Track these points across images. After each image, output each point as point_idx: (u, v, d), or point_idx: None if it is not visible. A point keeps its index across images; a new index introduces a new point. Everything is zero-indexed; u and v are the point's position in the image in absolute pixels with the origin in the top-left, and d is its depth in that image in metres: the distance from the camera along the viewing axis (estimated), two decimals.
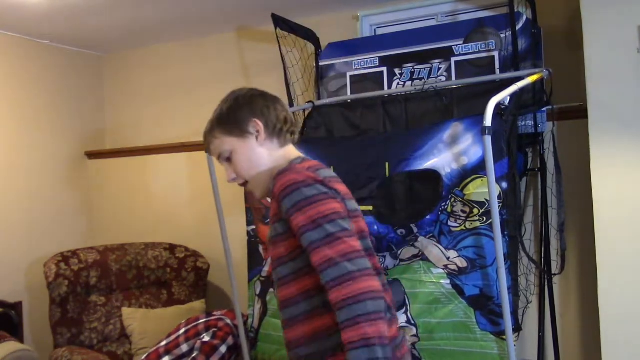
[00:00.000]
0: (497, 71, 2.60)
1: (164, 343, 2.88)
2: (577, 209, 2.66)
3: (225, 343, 2.81)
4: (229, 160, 1.57)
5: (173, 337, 2.89)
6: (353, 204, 1.49)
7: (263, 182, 1.55)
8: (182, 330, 2.90)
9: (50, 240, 3.67)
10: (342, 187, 1.49)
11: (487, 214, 2.27)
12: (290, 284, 1.43)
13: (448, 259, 2.38)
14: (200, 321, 2.91)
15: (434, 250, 2.40)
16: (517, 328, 2.42)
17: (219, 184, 2.77)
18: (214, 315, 2.96)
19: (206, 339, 2.80)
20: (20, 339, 3.22)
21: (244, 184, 1.58)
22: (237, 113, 1.55)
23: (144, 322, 3.27)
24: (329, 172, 1.49)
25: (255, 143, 1.54)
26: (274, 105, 1.57)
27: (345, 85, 2.93)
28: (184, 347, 2.83)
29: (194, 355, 2.77)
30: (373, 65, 2.89)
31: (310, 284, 1.40)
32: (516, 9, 2.49)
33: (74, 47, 3.92)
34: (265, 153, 1.54)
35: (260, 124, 1.54)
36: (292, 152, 1.58)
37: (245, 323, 2.88)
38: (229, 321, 2.89)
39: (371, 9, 3.20)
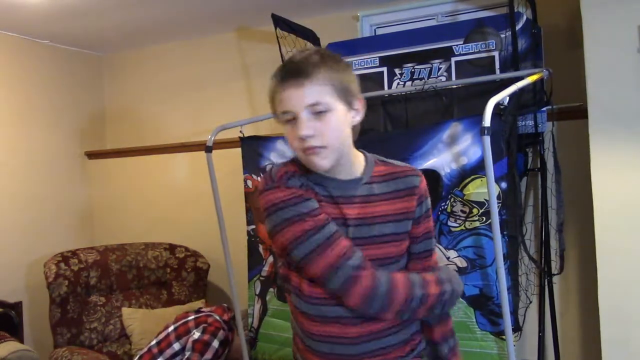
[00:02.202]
0: (497, 71, 2.60)
1: (154, 342, 2.88)
2: (577, 208, 2.65)
3: (216, 338, 2.81)
4: (318, 114, 1.30)
5: (163, 335, 2.89)
6: None
7: (338, 155, 1.34)
8: (172, 328, 2.89)
9: (50, 240, 3.67)
10: None
11: (487, 214, 2.27)
12: None
13: (448, 258, 2.38)
14: (190, 318, 2.91)
15: None
16: (517, 328, 2.42)
17: (218, 184, 2.77)
18: (203, 312, 2.96)
19: (196, 335, 2.79)
20: (20, 339, 3.22)
21: (320, 148, 1.31)
22: (352, 84, 1.37)
23: (144, 322, 3.27)
24: None
25: (349, 120, 1.37)
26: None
27: None
28: (176, 346, 2.83)
29: (187, 355, 2.76)
30: (373, 65, 2.89)
31: None
32: (516, 9, 2.49)
33: (74, 47, 3.93)
34: (349, 133, 1.38)
35: (363, 107, 1.40)
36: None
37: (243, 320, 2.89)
38: (217, 317, 2.89)
39: (371, 9, 3.20)
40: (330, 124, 1.31)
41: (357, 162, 1.42)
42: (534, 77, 2.32)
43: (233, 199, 3.16)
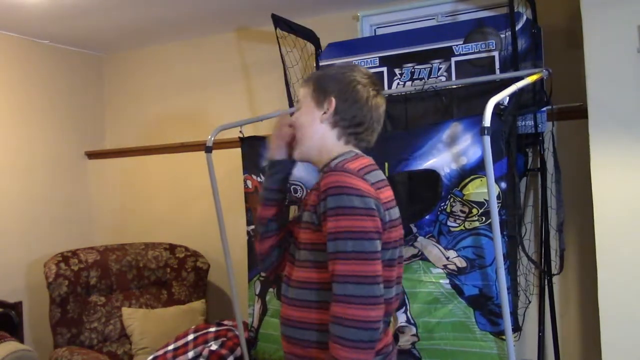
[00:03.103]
0: (497, 71, 2.60)
1: (171, 347, 2.87)
2: (577, 208, 2.65)
3: (233, 354, 2.81)
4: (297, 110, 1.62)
5: (181, 342, 2.88)
6: (394, 212, 1.52)
7: (303, 148, 1.58)
8: (191, 337, 2.89)
9: (50, 240, 3.67)
10: (386, 194, 1.50)
11: (487, 214, 2.27)
12: (312, 269, 1.47)
13: (447, 258, 2.38)
14: (210, 330, 2.91)
15: (433, 250, 2.40)
16: (517, 328, 2.41)
17: (218, 184, 2.77)
18: (224, 326, 2.96)
19: (214, 347, 2.80)
20: (20, 339, 3.22)
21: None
22: (330, 81, 1.55)
23: (144, 322, 3.27)
24: (378, 175, 1.51)
25: (318, 116, 1.55)
26: (367, 106, 1.55)
27: None
28: (190, 354, 2.82)
29: None
30: (373, 65, 2.89)
31: (328, 278, 1.43)
32: (516, 9, 2.49)
33: (74, 47, 3.93)
34: (320, 131, 1.55)
35: (333, 106, 1.53)
36: (345, 147, 1.58)
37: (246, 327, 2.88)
38: (237, 332, 2.89)
39: (371, 9, 3.20)
40: (297, 116, 1.60)
41: (327, 158, 1.55)
42: (534, 77, 2.32)
43: (232, 199, 3.16)
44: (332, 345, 1.35)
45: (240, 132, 2.87)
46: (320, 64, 3.02)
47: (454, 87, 2.65)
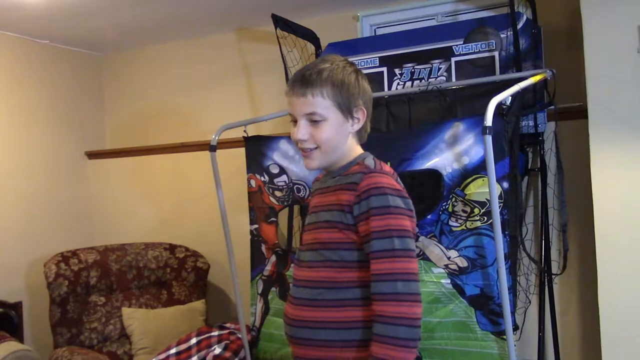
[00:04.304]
0: (498, 71, 2.60)
1: (173, 351, 2.86)
2: (577, 208, 2.66)
3: (237, 357, 2.81)
4: (314, 122, 1.50)
5: (184, 346, 2.87)
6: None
7: (327, 158, 1.55)
8: (194, 341, 2.88)
9: (50, 240, 3.67)
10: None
11: (488, 213, 2.27)
12: (334, 269, 1.47)
13: (449, 258, 2.38)
14: (213, 334, 2.91)
15: (434, 249, 2.41)
16: (515, 327, 2.42)
17: (222, 183, 2.78)
18: (227, 329, 2.96)
19: (217, 351, 2.80)
20: (20, 339, 3.22)
21: (312, 149, 1.52)
22: (354, 90, 1.51)
23: (144, 322, 3.27)
24: (399, 180, 1.55)
25: (349, 127, 1.54)
26: (371, 106, 1.60)
27: None
28: (194, 359, 2.82)
29: None
30: (373, 65, 2.89)
31: (353, 277, 1.45)
32: (516, 9, 2.49)
33: (74, 47, 3.93)
34: (347, 138, 1.55)
35: (365, 115, 1.55)
36: (359, 147, 1.61)
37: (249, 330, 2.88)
38: (240, 335, 2.89)
39: (371, 9, 3.21)
40: (323, 131, 1.50)
41: (346, 161, 1.56)
42: (537, 78, 2.32)
43: (233, 198, 3.16)
44: (381, 345, 1.35)
45: (245, 131, 2.87)
46: None
47: (458, 87, 2.65)
